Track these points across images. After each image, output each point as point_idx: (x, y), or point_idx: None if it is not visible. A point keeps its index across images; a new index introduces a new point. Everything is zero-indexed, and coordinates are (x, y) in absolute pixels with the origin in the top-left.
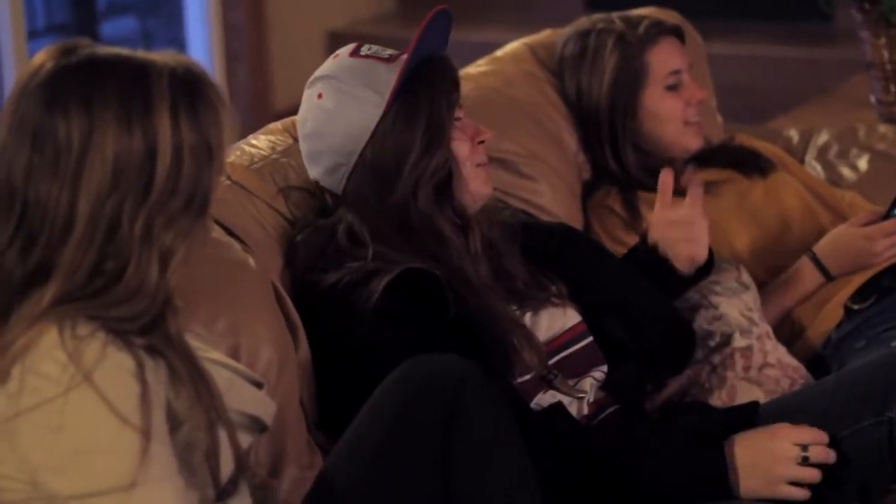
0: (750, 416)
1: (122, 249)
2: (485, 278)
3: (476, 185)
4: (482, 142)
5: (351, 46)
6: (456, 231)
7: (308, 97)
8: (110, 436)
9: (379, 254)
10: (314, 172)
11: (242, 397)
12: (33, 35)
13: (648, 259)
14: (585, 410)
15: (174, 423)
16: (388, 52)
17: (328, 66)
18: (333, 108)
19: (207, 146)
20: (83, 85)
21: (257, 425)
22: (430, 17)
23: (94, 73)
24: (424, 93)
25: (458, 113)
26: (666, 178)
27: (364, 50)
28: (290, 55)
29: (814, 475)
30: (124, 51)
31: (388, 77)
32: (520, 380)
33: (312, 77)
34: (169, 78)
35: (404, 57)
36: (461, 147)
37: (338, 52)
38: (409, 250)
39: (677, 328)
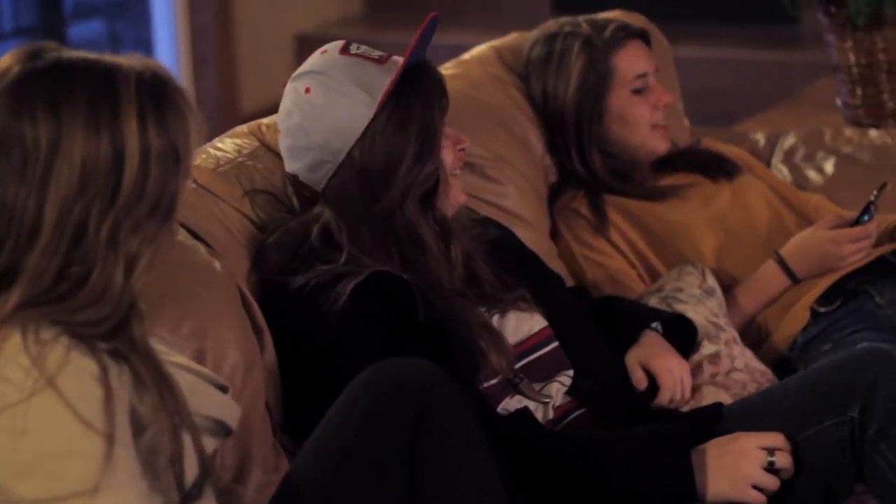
0: (714, 417)
1: (88, 254)
2: (458, 284)
3: (454, 194)
4: (462, 149)
5: (339, 44)
6: (436, 239)
7: (293, 90)
8: (73, 440)
9: (352, 256)
10: (294, 167)
11: (207, 401)
12: (0, 37)
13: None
14: (551, 415)
15: (138, 427)
16: (377, 52)
17: (316, 61)
18: (322, 104)
19: (174, 151)
20: (50, 89)
21: (222, 429)
22: (427, 22)
23: (61, 78)
24: (417, 98)
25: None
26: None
27: (353, 48)
28: (258, 58)
29: (775, 483)
30: (91, 55)
31: (381, 78)
32: (486, 384)
33: (298, 71)
34: (136, 82)
35: (395, 59)
36: (447, 155)
37: (325, 48)
38: (385, 254)
39: (623, 379)
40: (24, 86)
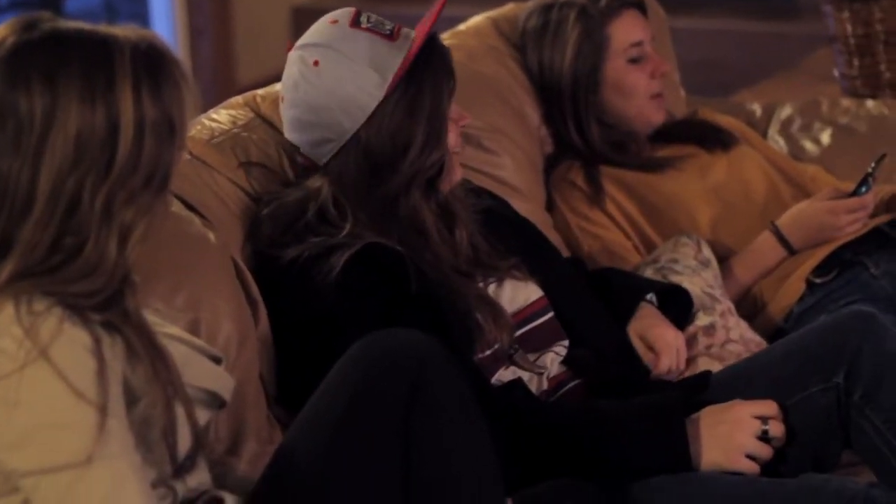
0: (702, 385)
1: (82, 226)
2: (462, 265)
3: (453, 174)
4: (463, 126)
5: (350, 14)
6: (438, 223)
7: (299, 60)
8: (66, 411)
9: (351, 234)
10: (297, 138)
11: (200, 373)
12: None
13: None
14: (545, 386)
15: (131, 399)
16: (388, 26)
17: (326, 32)
18: (331, 81)
19: (169, 122)
20: (46, 60)
21: (215, 401)
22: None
23: (56, 49)
24: (429, 82)
25: None
26: None
27: (363, 21)
28: (254, 30)
29: (768, 452)
30: (87, 26)
31: (392, 57)
32: (480, 355)
33: (307, 40)
34: (132, 54)
35: (406, 33)
36: (452, 136)
37: (335, 16)
38: (384, 235)
39: (629, 355)
40: (19, 57)
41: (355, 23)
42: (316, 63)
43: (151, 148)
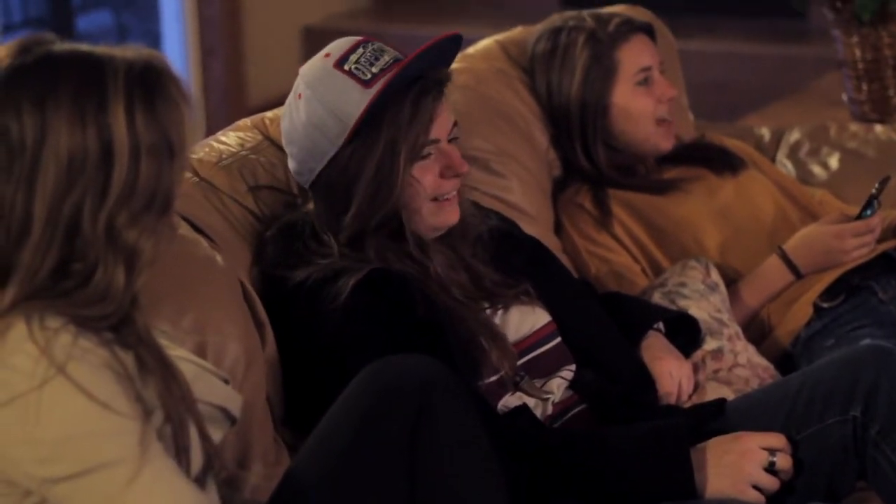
0: (716, 412)
1: (87, 250)
2: (456, 293)
3: (435, 221)
4: (457, 175)
5: (342, 49)
6: (410, 265)
7: (295, 88)
8: (97, 420)
9: (344, 255)
10: (288, 163)
11: (209, 389)
12: (9, 29)
13: None
14: (550, 410)
15: (145, 413)
16: (376, 68)
17: (315, 67)
18: (304, 123)
19: (168, 143)
20: (36, 85)
21: (226, 417)
22: (433, 41)
23: (47, 72)
24: (387, 134)
25: (437, 135)
26: None
27: (350, 61)
28: (265, 50)
29: (775, 484)
30: (83, 47)
31: (358, 106)
32: (486, 381)
33: (303, 70)
34: (125, 75)
35: (379, 84)
36: (425, 180)
37: (331, 49)
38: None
39: (640, 371)
40: (11, 81)
41: (340, 62)
42: (300, 97)
43: (149, 169)
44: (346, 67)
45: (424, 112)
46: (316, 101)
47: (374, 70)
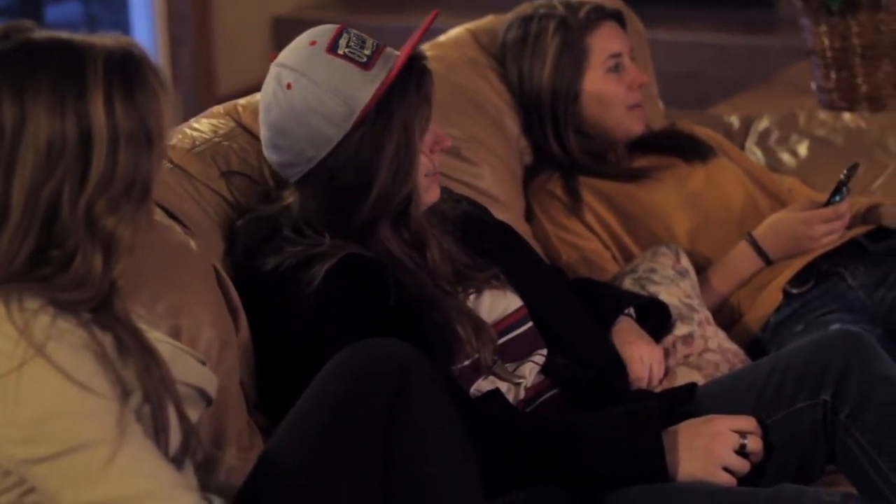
0: (687, 397)
1: (66, 237)
2: (442, 283)
3: (427, 197)
4: (442, 149)
5: (329, 35)
6: (408, 252)
7: (276, 79)
8: (74, 400)
9: (331, 244)
10: (269, 157)
11: (187, 370)
12: None
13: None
14: (522, 395)
15: (124, 393)
16: (368, 50)
17: (303, 55)
18: (300, 110)
19: (146, 131)
20: (15, 72)
21: (203, 398)
22: (426, 23)
23: (27, 59)
24: (398, 117)
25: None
26: None
27: (342, 45)
28: (235, 40)
29: (745, 466)
30: (63, 34)
31: (364, 88)
32: (459, 366)
33: (285, 59)
34: (105, 63)
35: (388, 54)
36: (423, 161)
37: (315, 36)
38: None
39: (611, 356)
40: None
41: (332, 47)
42: (289, 86)
43: (127, 157)
44: (341, 52)
45: (428, 91)
46: (315, 86)
47: (367, 52)
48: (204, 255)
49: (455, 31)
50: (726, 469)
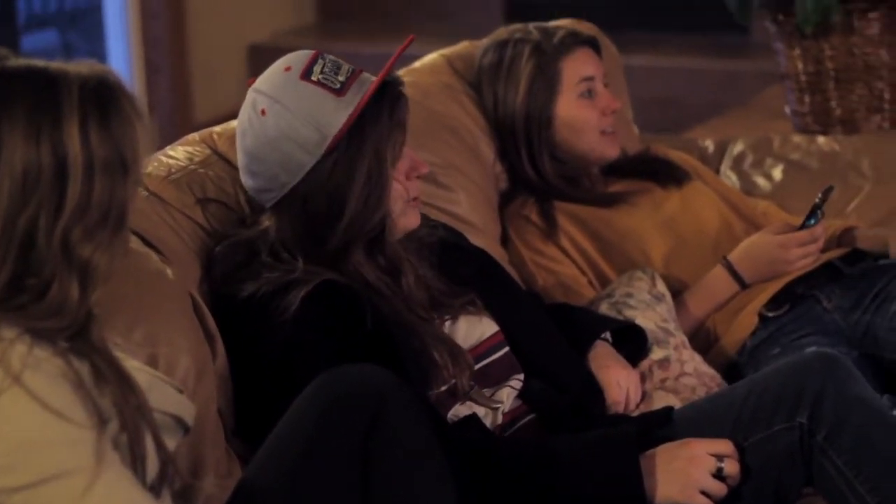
0: (663, 420)
1: (42, 265)
2: (417, 310)
3: (404, 222)
4: (419, 176)
5: (304, 61)
6: (383, 278)
7: (251, 105)
8: (51, 428)
9: (306, 270)
10: (245, 182)
11: (164, 398)
12: None
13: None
14: (500, 420)
15: (101, 422)
16: (342, 77)
17: (277, 81)
18: (274, 137)
19: (121, 159)
20: None
21: (180, 426)
22: (393, 60)
23: (2, 88)
24: (370, 144)
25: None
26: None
27: (315, 72)
28: (211, 68)
29: (722, 489)
30: (38, 62)
31: (336, 114)
32: (436, 391)
33: (261, 85)
34: (80, 90)
35: (363, 79)
36: (397, 187)
37: (290, 62)
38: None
39: (588, 380)
40: None
41: (306, 74)
42: (263, 112)
43: (103, 184)
44: (314, 78)
45: (402, 117)
46: (288, 113)
47: (341, 79)
48: (180, 282)
49: (430, 57)
50: (703, 493)
